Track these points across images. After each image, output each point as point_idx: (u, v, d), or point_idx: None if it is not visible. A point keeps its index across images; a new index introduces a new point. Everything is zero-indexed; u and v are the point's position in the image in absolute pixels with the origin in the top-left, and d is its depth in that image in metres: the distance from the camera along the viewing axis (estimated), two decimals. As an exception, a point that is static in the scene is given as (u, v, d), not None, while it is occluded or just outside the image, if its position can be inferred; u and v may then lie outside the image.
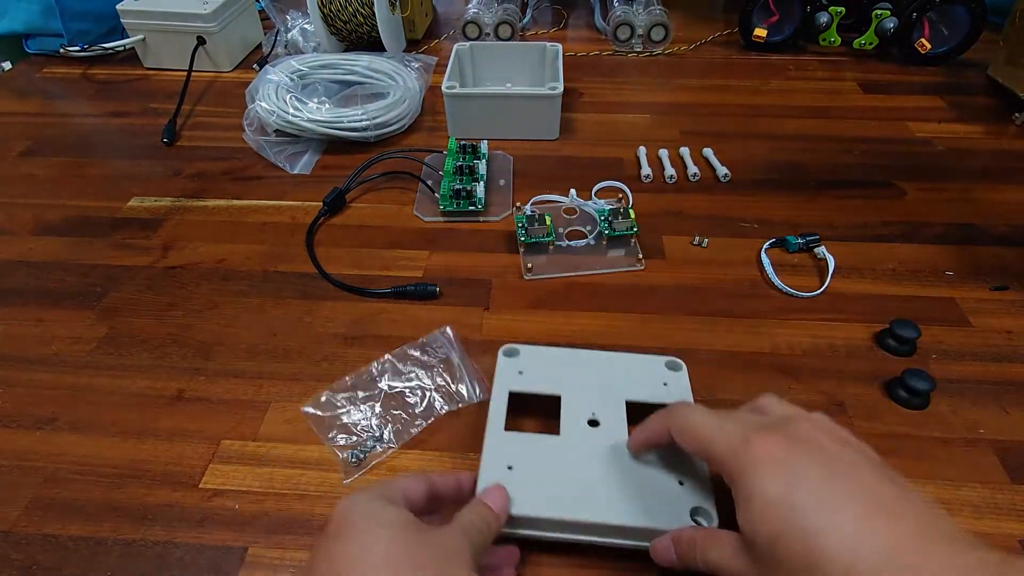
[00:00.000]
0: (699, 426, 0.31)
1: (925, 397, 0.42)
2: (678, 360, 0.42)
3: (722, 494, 0.35)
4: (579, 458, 0.36)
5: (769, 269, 0.51)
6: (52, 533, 0.36)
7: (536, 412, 0.40)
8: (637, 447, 0.36)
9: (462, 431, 0.41)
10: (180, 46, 0.78)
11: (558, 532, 0.35)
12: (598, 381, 0.40)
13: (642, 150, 0.64)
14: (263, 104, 0.65)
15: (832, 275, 0.50)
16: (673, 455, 0.37)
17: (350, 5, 0.77)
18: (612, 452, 0.37)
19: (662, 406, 0.41)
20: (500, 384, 0.40)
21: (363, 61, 0.72)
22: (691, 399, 0.40)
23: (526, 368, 0.41)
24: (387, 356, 0.45)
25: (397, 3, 0.80)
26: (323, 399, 0.42)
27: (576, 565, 0.35)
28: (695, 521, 0.34)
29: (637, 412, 0.41)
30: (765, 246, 0.53)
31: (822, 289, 0.50)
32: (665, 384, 0.41)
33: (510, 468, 0.35)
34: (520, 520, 0.34)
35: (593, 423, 0.38)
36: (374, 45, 0.81)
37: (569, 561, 0.35)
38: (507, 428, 0.38)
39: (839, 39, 0.83)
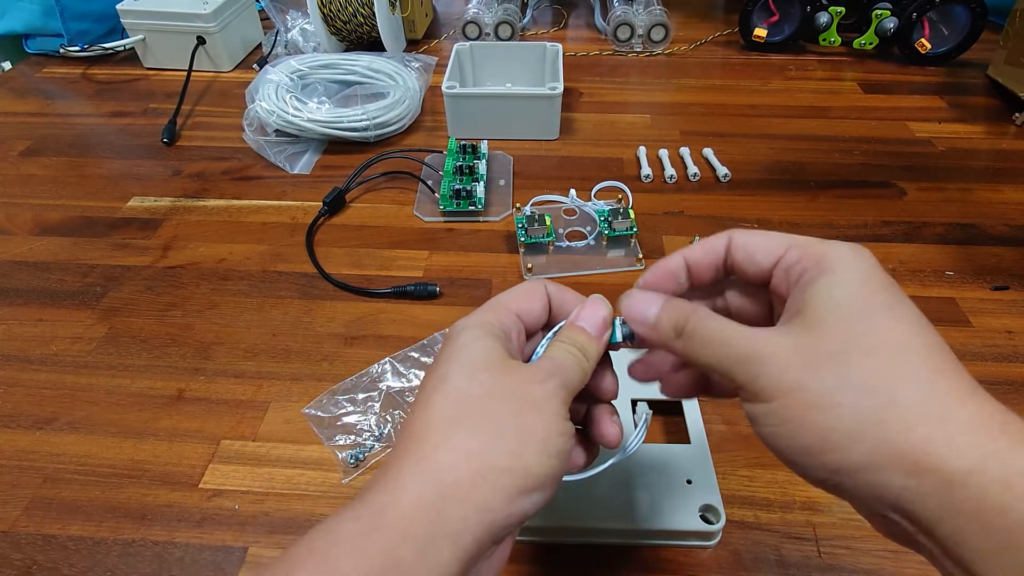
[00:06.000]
0: (771, 232, 0.25)
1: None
2: None
3: (728, 493, 0.35)
4: None
5: None
6: (52, 533, 0.36)
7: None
8: (664, 273, 0.27)
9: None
10: (180, 46, 0.78)
11: (567, 537, 0.35)
12: None
13: (642, 150, 0.64)
14: (263, 104, 0.65)
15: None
16: (679, 454, 0.37)
17: (350, 5, 0.77)
18: (620, 453, 0.37)
19: (666, 403, 0.41)
20: None
21: (363, 61, 0.72)
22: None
23: None
24: (387, 359, 0.45)
25: (397, 3, 0.80)
26: (323, 399, 0.42)
27: (580, 566, 0.35)
28: (705, 519, 0.34)
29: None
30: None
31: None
32: None
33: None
34: (526, 529, 0.34)
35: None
36: (374, 45, 0.81)
37: (573, 562, 0.35)
38: None
39: (839, 39, 0.83)
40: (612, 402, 0.28)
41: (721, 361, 0.23)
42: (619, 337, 0.27)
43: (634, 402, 0.40)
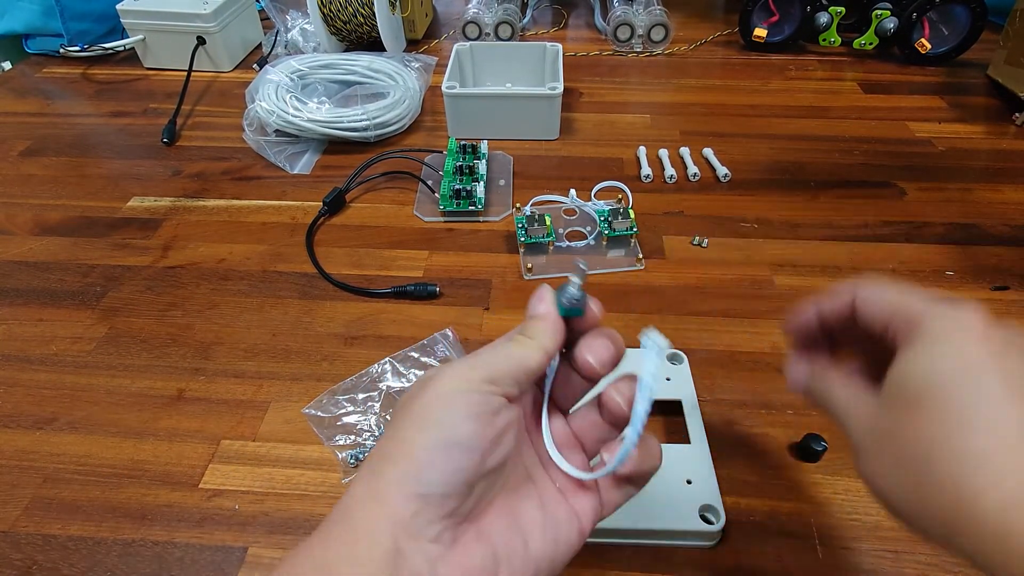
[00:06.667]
0: (894, 289, 0.27)
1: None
2: (680, 352, 0.43)
3: (728, 493, 0.35)
4: None
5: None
6: (52, 533, 0.36)
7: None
8: (802, 319, 0.30)
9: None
10: (180, 46, 0.78)
11: None
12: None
13: (642, 150, 0.64)
14: (263, 104, 0.65)
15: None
16: (679, 454, 0.37)
17: (350, 5, 0.77)
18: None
19: (666, 403, 0.41)
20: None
21: (363, 61, 0.72)
22: (694, 392, 0.41)
23: None
24: (387, 359, 0.45)
25: (397, 3, 0.80)
26: (323, 399, 0.42)
27: (580, 565, 0.35)
28: (704, 519, 0.34)
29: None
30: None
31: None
32: (668, 379, 0.41)
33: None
34: None
35: None
36: (374, 45, 0.81)
37: (572, 561, 0.35)
38: None
39: (839, 39, 0.83)
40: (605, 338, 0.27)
41: (835, 417, 0.27)
42: (565, 303, 0.26)
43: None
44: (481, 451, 0.23)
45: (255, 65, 0.81)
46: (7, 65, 0.86)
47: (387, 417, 0.41)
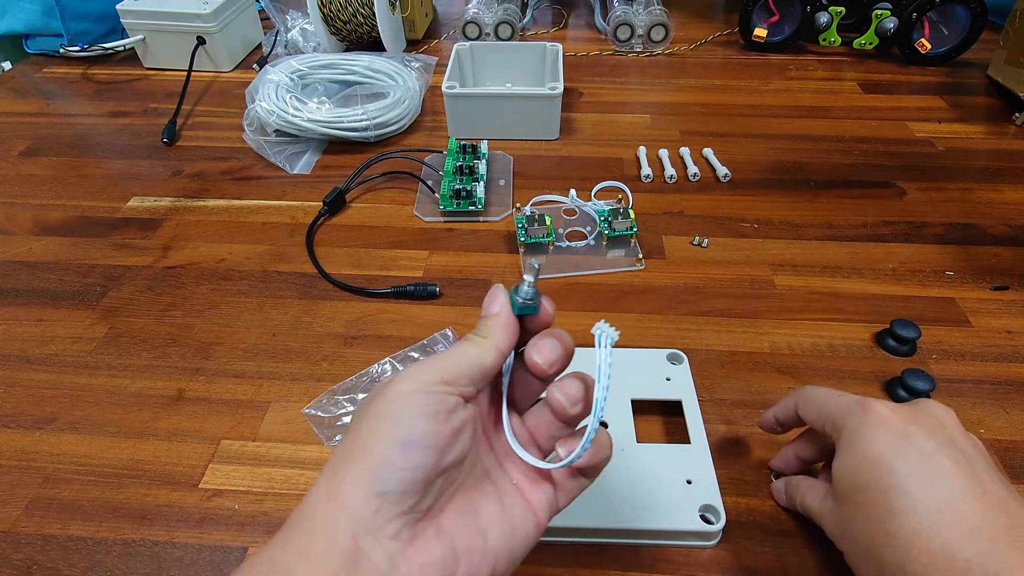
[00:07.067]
0: (822, 394, 0.33)
1: (925, 397, 0.42)
2: (679, 352, 0.43)
3: (728, 493, 0.35)
4: None
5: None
6: (52, 533, 0.36)
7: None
8: (766, 424, 0.37)
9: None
10: (180, 46, 0.78)
11: (566, 536, 0.35)
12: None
13: (642, 150, 0.64)
14: (263, 104, 0.65)
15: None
16: (679, 454, 0.37)
17: (350, 5, 0.77)
18: (620, 453, 0.37)
19: (666, 403, 0.41)
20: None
21: (363, 61, 0.72)
22: (694, 392, 0.41)
23: None
24: (387, 359, 0.45)
25: (397, 3, 0.80)
26: (323, 399, 0.42)
27: (579, 565, 0.35)
28: (704, 519, 0.34)
29: (642, 409, 0.41)
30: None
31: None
32: (668, 379, 0.41)
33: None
34: None
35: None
36: (374, 45, 0.81)
37: (572, 561, 0.35)
38: None
39: (839, 39, 0.83)
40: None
41: (813, 520, 0.34)
42: (519, 301, 0.26)
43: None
44: (438, 449, 0.23)
45: (255, 65, 0.81)
46: (7, 65, 0.86)
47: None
